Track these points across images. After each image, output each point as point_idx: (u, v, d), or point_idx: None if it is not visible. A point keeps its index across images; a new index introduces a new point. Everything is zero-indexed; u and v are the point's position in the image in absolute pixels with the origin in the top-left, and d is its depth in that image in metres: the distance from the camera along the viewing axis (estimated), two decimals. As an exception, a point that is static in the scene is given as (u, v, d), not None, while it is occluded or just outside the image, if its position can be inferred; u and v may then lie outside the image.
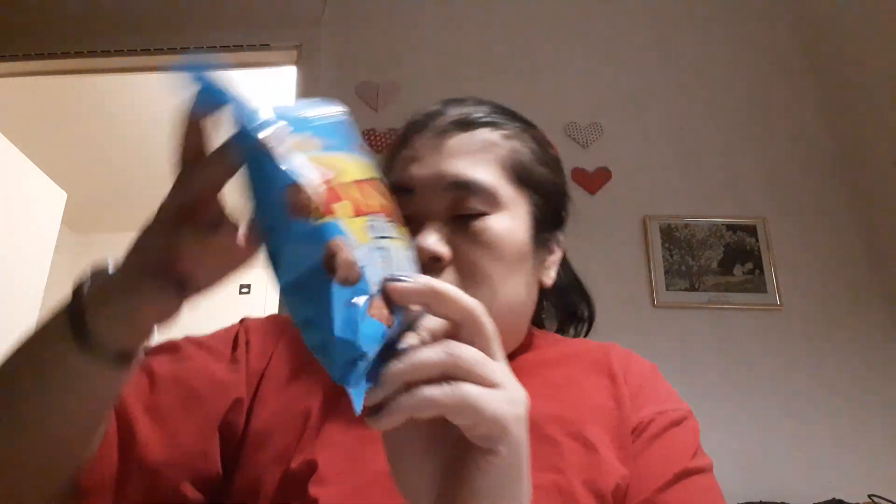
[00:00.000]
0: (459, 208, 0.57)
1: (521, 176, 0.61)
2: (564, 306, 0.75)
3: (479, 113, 0.62)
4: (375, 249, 0.35)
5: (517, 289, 0.59)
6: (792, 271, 1.74)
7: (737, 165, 1.87)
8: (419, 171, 0.59)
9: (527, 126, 0.66)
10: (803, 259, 1.76)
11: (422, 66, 2.02)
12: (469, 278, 0.56)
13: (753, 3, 2.12)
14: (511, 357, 0.62)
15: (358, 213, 0.35)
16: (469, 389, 0.34)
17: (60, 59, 2.09)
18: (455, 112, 0.62)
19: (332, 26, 2.08)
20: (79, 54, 2.08)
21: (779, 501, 1.39)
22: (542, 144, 0.66)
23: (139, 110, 2.95)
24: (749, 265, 1.74)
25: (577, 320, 0.77)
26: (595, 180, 1.85)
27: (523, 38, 2.05)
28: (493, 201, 0.58)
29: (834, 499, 1.35)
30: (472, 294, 0.51)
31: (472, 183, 0.57)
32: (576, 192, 1.83)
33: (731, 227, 1.79)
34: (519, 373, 0.60)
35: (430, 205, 0.58)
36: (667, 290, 1.72)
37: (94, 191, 3.54)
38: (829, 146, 1.91)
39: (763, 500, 1.40)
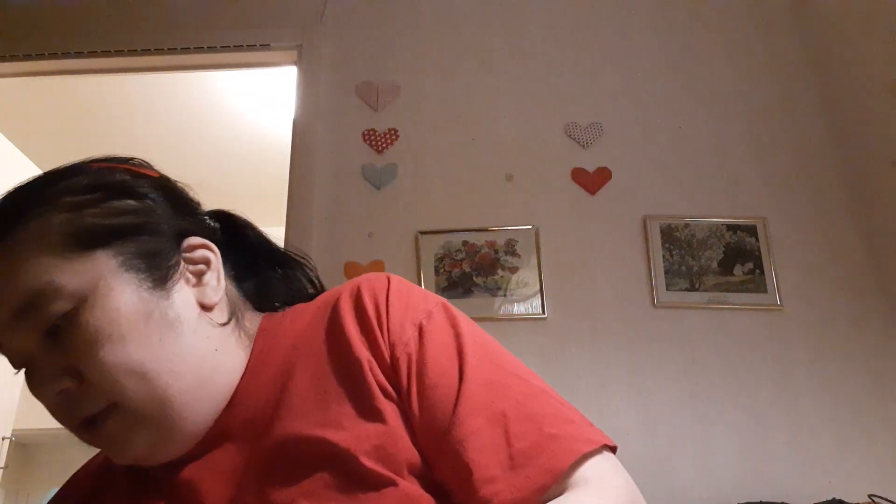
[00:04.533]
0: (42, 328, 0.49)
1: (82, 242, 0.51)
2: (285, 291, 0.68)
3: (2, 222, 0.51)
4: None
5: (166, 346, 0.51)
6: (792, 271, 1.74)
7: (737, 165, 1.87)
8: None
9: (69, 181, 0.54)
10: (803, 259, 1.76)
11: (422, 66, 2.02)
12: (107, 381, 0.48)
13: (753, 3, 2.11)
14: (247, 367, 0.57)
15: None
16: None
17: (60, 59, 2.09)
18: None
19: (332, 26, 2.08)
20: (79, 54, 2.08)
21: (779, 501, 1.39)
22: (99, 184, 0.54)
23: (139, 110, 2.95)
24: (749, 265, 1.74)
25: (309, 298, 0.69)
26: (595, 180, 1.85)
27: (523, 38, 2.05)
28: (67, 296, 0.49)
29: (834, 499, 1.35)
30: (121, 391, 0.49)
31: (32, 299, 0.48)
32: (576, 192, 1.84)
33: (731, 227, 1.79)
34: (258, 378, 0.55)
35: (20, 347, 0.50)
36: (667, 290, 1.72)
37: (94, 191, 3.54)
38: (829, 146, 1.91)
39: (763, 500, 1.40)
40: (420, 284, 1.73)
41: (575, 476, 0.46)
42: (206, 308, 0.56)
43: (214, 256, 0.58)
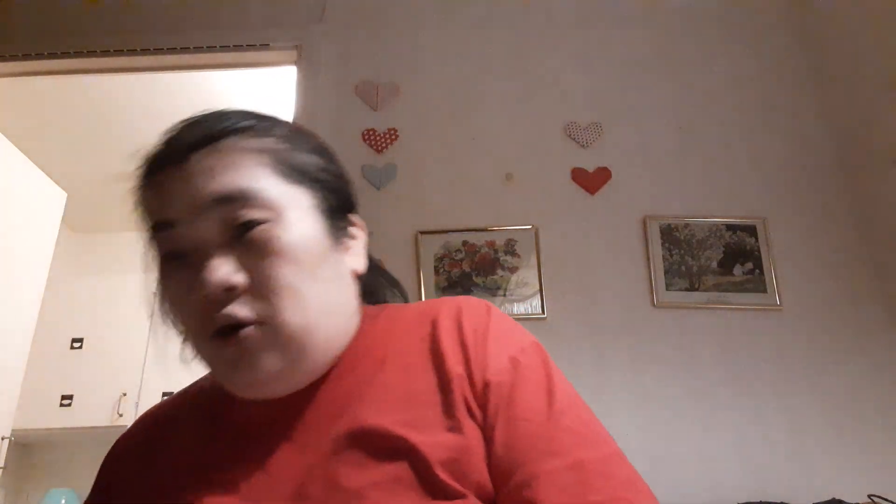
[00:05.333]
0: (233, 225, 0.52)
1: (290, 171, 0.56)
2: (370, 294, 0.71)
3: (218, 125, 0.55)
4: None
5: (328, 291, 0.55)
6: (792, 271, 1.74)
7: (737, 165, 1.87)
8: (174, 202, 0.53)
9: (277, 121, 0.60)
10: (803, 259, 1.76)
11: (422, 66, 2.02)
12: (272, 294, 0.51)
13: (753, 3, 2.12)
14: (347, 348, 0.60)
15: None
16: None
17: (60, 59, 2.09)
18: (191, 133, 0.55)
19: (332, 26, 2.08)
20: (79, 54, 2.08)
21: (779, 501, 1.39)
22: (301, 134, 0.61)
23: (139, 110, 2.95)
24: (749, 265, 1.74)
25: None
26: (595, 180, 1.85)
27: (523, 38, 2.05)
28: (268, 206, 0.52)
29: (834, 499, 1.35)
30: (280, 309, 0.52)
31: (236, 194, 0.52)
32: (576, 192, 1.84)
33: (731, 227, 1.79)
34: (355, 363, 0.58)
35: (199, 233, 0.52)
36: (667, 290, 1.72)
37: (94, 191, 3.54)
38: (829, 146, 1.91)
39: (763, 500, 1.40)
40: (420, 284, 1.73)
41: None
42: (354, 276, 0.61)
43: (365, 235, 0.64)
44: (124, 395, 3.31)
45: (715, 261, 1.75)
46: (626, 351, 1.66)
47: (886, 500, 1.32)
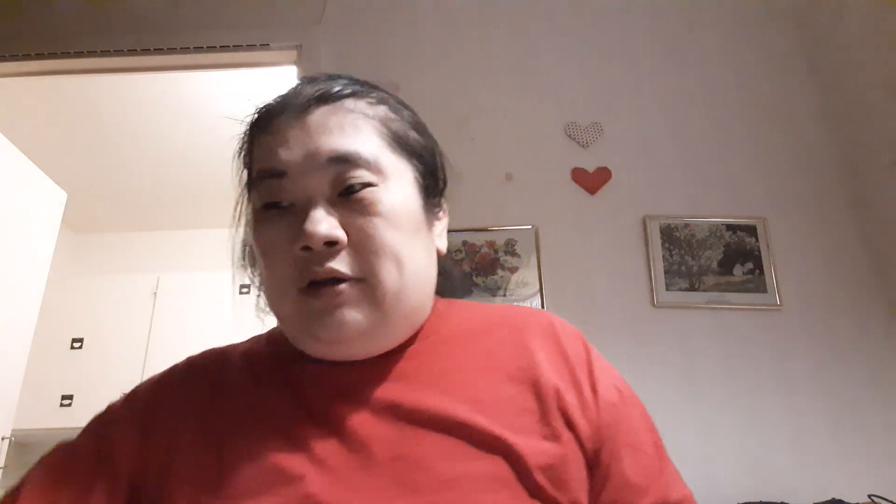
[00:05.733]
0: (342, 184, 0.53)
1: (398, 143, 0.58)
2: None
3: (338, 86, 0.57)
4: None
5: (421, 260, 0.57)
6: (792, 271, 1.74)
7: (737, 165, 1.87)
8: (289, 153, 0.54)
9: (388, 94, 0.62)
10: (803, 259, 1.76)
11: (422, 66, 2.02)
12: (372, 253, 0.52)
13: (754, 3, 2.11)
14: (421, 330, 0.60)
15: None
16: None
17: (60, 59, 2.09)
18: (312, 89, 0.57)
19: (332, 26, 2.08)
20: (79, 54, 2.08)
21: (779, 501, 1.39)
22: (408, 110, 0.63)
23: (139, 110, 2.95)
24: (749, 265, 1.74)
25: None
26: (595, 180, 1.85)
27: (523, 38, 2.05)
28: (377, 171, 0.54)
29: (834, 499, 1.35)
30: (379, 268, 0.53)
31: (352, 155, 0.53)
32: (576, 192, 1.84)
33: (731, 227, 1.79)
34: (432, 348, 0.58)
35: (309, 186, 0.53)
36: (667, 290, 1.72)
37: (94, 191, 3.54)
38: (828, 146, 1.91)
39: (763, 501, 1.40)
40: (420, 284, 1.73)
41: None
42: (438, 255, 0.63)
43: (447, 219, 0.67)
44: (124, 395, 3.31)
45: (715, 261, 1.75)
46: (626, 351, 1.66)
47: (886, 500, 1.32)
